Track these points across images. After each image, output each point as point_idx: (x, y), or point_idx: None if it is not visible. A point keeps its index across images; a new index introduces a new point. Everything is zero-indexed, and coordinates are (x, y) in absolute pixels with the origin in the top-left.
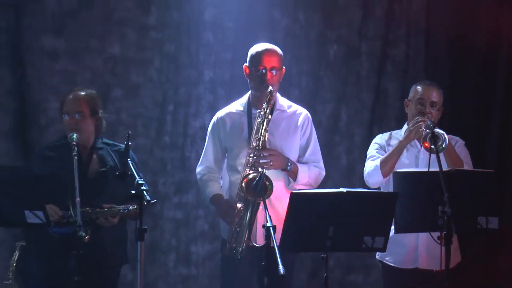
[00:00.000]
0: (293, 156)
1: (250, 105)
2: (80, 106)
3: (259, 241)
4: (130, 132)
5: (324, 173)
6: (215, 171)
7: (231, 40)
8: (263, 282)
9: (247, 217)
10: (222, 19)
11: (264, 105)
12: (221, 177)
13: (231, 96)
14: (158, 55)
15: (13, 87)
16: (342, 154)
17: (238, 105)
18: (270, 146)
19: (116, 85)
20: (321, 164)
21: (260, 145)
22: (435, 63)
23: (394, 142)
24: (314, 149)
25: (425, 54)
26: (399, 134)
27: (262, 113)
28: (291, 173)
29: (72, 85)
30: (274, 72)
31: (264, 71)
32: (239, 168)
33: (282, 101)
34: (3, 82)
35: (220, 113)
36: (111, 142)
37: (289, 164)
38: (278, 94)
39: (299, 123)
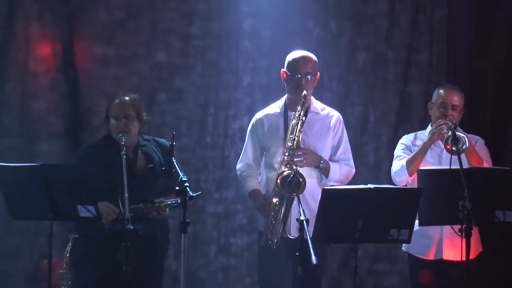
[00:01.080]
0: (325, 155)
1: (286, 107)
2: (127, 110)
3: (293, 233)
4: (174, 133)
5: (354, 171)
6: (253, 168)
7: (267, 48)
8: (297, 272)
9: (282, 211)
10: (259, 29)
11: (299, 108)
12: (259, 173)
13: (268, 100)
14: (200, 61)
15: (67, 92)
16: (370, 153)
17: (275, 107)
18: (304, 146)
19: (161, 89)
20: (351, 162)
21: (294, 144)
22: (455, 68)
23: (419, 143)
24: (345, 149)
25: (446, 60)
26: (424, 134)
27: (296, 115)
28: (324, 171)
29: (121, 89)
30: (309, 77)
31: (299, 76)
32: (276, 165)
33: (316, 104)
34: (58, 87)
35: (259, 115)
36: (151, 137)
37: (321, 162)
38: (312, 98)
39: (331, 125)
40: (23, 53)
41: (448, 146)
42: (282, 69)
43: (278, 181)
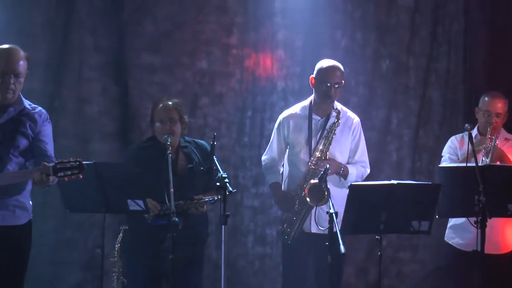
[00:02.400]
0: (344, 156)
1: (311, 110)
2: (171, 114)
3: (324, 225)
4: (215, 133)
5: (368, 171)
6: (277, 162)
7: (299, 56)
8: (319, 263)
9: (303, 213)
10: (292, 39)
11: (335, 121)
12: (282, 166)
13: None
14: (239, 69)
15: (118, 97)
16: (393, 152)
17: (301, 107)
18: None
19: (203, 94)
20: (367, 164)
21: (322, 156)
22: (472, 75)
23: (465, 147)
24: (362, 152)
25: (463, 68)
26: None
27: (331, 130)
28: (343, 175)
29: (166, 95)
30: (336, 86)
31: (329, 84)
32: (298, 163)
33: (338, 107)
34: (109, 93)
35: (285, 114)
36: (191, 139)
37: (342, 169)
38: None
39: (351, 128)
40: (78, 61)
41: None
42: (312, 75)
43: (306, 191)
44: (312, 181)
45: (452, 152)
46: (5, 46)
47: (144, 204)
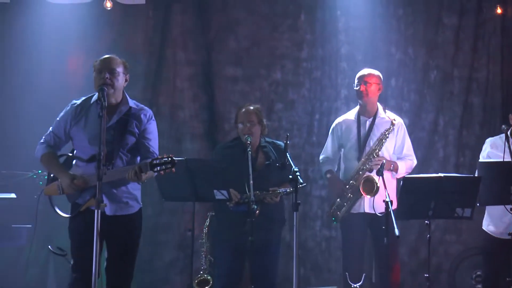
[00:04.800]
0: (388, 153)
1: (359, 113)
2: (251, 117)
3: (379, 210)
4: (288, 134)
5: (415, 162)
6: (331, 160)
7: (360, 68)
8: (378, 241)
9: (352, 201)
10: (353, 53)
11: (390, 128)
12: (337, 164)
13: None
14: (308, 79)
15: (206, 103)
16: (440, 149)
17: (351, 114)
18: (373, 143)
19: (278, 101)
20: (413, 157)
21: (374, 154)
22: (508, 84)
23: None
24: (408, 147)
25: (500, 77)
26: (503, 138)
27: (385, 134)
28: (394, 170)
29: (247, 102)
30: (372, 87)
31: (364, 86)
32: (350, 158)
33: (380, 110)
34: (199, 100)
35: (339, 120)
36: (270, 140)
37: (392, 165)
38: (378, 104)
39: (395, 130)
40: (172, 73)
41: None
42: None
43: (362, 183)
44: (367, 174)
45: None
46: (106, 55)
47: (227, 194)
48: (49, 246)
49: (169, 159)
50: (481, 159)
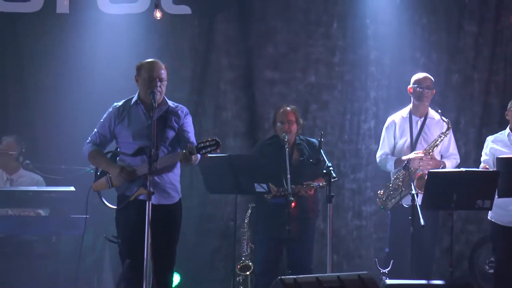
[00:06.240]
0: (438, 150)
1: (411, 113)
2: (289, 116)
3: (406, 202)
4: (322, 132)
5: (459, 160)
6: (389, 154)
7: (387, 72)
8: (409, 230)
9: (403, 194)
10: (381, 58)
11: (446, 132)
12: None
13: (388, 109)
14: (340, 82)
15: (246, 104)
16: (461, 146)
17: (404, 112)
18: (426, 143)
19: (312, 102)
20: (457, 155)
21: (429, 154)
22: None
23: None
24: (454, 147)
25: None
26: (503, 134)
27: (441, 137)
28: (443, 168)
29: (284, 103)
30: (428, 90)
31: (421, 89)
32: (402, 154)
33: (431, 111)
34: (240, 101)
35: (392, 117)
36: (304, 137)
37: (441, 165)
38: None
39: (443, 130)
40: (215, 77)
41: None
42: (409, 86)
43: (415, 180)
44: (421, 172)
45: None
46: (149, 59)
47: (267, 187)
48: (104, 235)
49: (213, 141)
50: (483, 156)
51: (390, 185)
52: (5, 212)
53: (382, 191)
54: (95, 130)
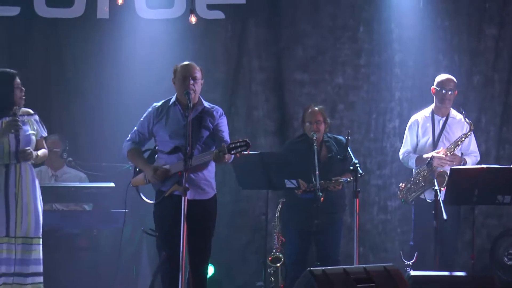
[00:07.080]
0: (459, 148)
1: (433, 113)
2: (317, 116)
3: (429, 197)
4: (349, 131)
5: (479, 158)
6: (412, 152)
7: (411, 73)
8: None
9: (423, 189)
10: (405, 60)
11: (468, 133)
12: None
13: (411, 108)
14: (366, 83)
15: (276, 104)
16: (482, 144)
17: (427, 111)
18: (448, 142)
19: (340, 102)
20: (478, 153)
21: (450, 152)
22: None
23: None
24: (474, 145)
25: None
26: None
27: (462, 138)
28: (464, 165)
29: (313, 103)
30: (450, 92)
31: (445, 92)
32: (425, 152)
33: (453, 111)
34: (271, 102)
35: (415, 116)
36: (331, 135)
37: (462, 162)
38: None
39: (463, 130)
40: (247, 79)
41: None
42: (433, 86)
43: (436, 176)
44: (441, 169)
45: None
46: (185, 62)
47: (296, 183)
48: (143, 228)
49: (244, 142)
50: None
51: (412, 179)
52: (50, 206)
53: (403, 184)
54: (135, 128)
